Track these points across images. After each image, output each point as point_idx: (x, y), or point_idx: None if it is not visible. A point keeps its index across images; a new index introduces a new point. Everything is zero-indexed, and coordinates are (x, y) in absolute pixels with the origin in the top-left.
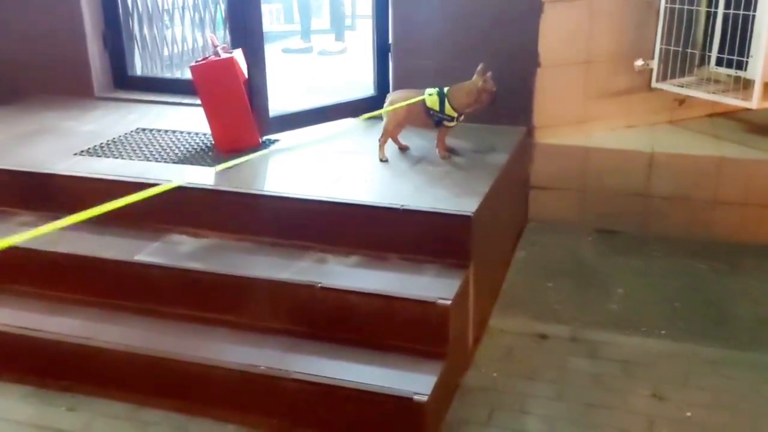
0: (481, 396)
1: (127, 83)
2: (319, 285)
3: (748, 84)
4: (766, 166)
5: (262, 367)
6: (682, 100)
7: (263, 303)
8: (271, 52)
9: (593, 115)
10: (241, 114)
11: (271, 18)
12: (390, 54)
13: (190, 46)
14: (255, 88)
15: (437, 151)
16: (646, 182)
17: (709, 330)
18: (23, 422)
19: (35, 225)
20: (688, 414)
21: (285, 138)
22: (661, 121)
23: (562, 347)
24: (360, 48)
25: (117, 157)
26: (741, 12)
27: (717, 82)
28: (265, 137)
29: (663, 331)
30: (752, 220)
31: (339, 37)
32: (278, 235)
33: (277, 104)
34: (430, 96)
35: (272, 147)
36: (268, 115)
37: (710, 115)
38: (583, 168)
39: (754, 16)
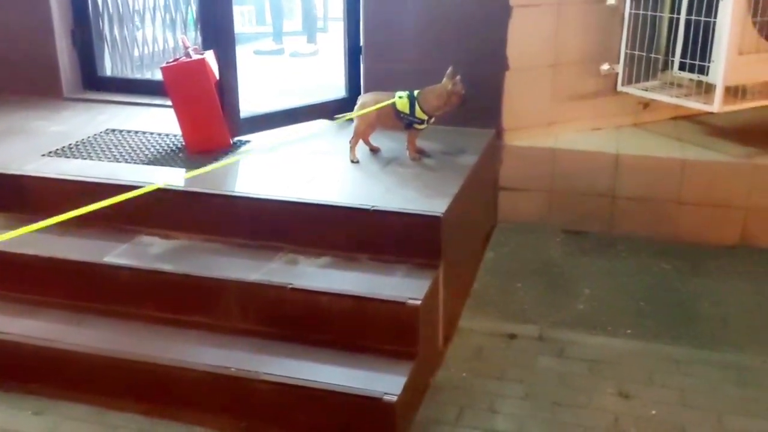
0: (451, 395)
1: (96, 84)
2: (290, 286)
3: (709, 88)
4: (727, 168)
5: (231, 369)
6: (646, 104)
7: (233, 304)
8: (243, 53)
9: (561, 118)
10: (211, 115)
11: (243, 20)
12: (361, 56)
13: (161, 47)
14: (226, 89)
15: (408, 152)
16: (611, 183)
17: (674, 329)
18: None
19: (2, 226)
20: (653, 412)
21: (256, 139)
22: (627, 123)
23: (530, 347)
24: (332, 50)
25: (86, 158)
26: (702, 18)
27: (680, 86)
28: (236, 138)
29: (629, 331)
30: (714, 221)
31: (311, 39)
32: (249, 237)
33: (249, 106)
34: (400, 99)
35: (243, 148)
36: (239, 116)
37: (674, 118)
38: (550, 169)
39: (714, 23)
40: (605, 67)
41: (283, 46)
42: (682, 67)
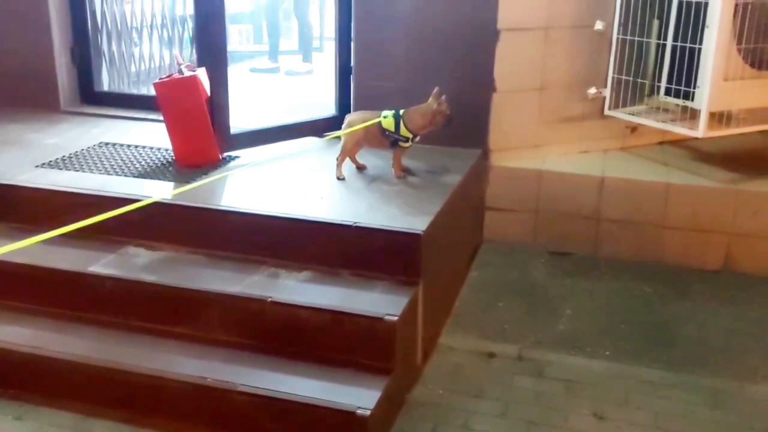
0: (426, 411)
1: (94, 98)
2: (270, 299)
3: (695, 113)
4: (712, 193)
5: (209, 380)
6: (634, 128)
7: (214, 316)
8: (239, 71)
9: (548, 140)
10: (201, 130)
11: (240, 38)
12: (351, 76)
13: (158, 64)
14: (217, 105)
15: (393, 171)
16: (596, 206)
17: (652, 352)
18: None
19: None
20: None
21: (246, 155)
22: (614, 147)
23: (508, 366)
24: (326, 69)
25: (78, 170)
26: (688, 45)
27: (666, 111)
28: (225, 153)
29: (607, 352)
30: (698, 245)
31: (306, 58)
32: (233, 250)
33: (242, 122)
34: (385, 118)
35: (232, 163)
36: (229, 132)
37: (661, 143)
38: (536, 191)
39: (700, 49)
40: (592, 91)
41: (278, 64)
42: (668, 93)
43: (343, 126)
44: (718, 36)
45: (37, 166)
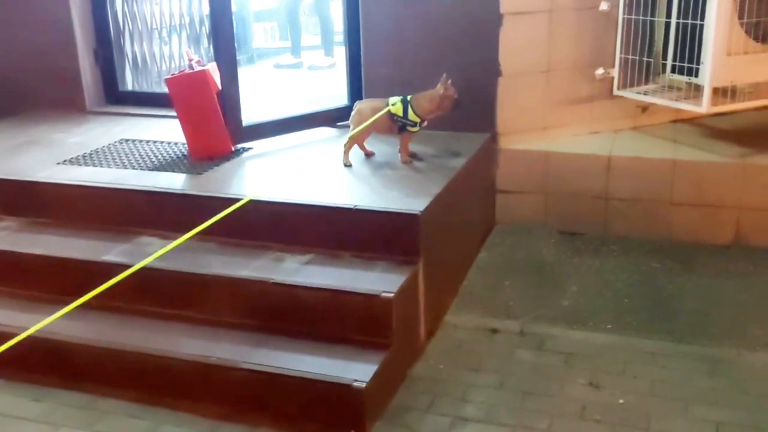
0: (426, 385)
1: (118, 98)
2: (271, 281)
3: (701, 90)
4: (718, 168)
5: (213, 358)
6: (645, 107)
7: (221, 299)
8: (264, 68)
9: (557, 122)
10: (213, 123)
11: (265, 36)
12: (361, 65)
13: (177, 63)
14: (228, 99)
15: (400, 156)
16: (605, 185)
17: (653, 325)
18: None
19: (16, 230)
20: (621, 401)
21: (259, 146)
22: (625, 127)
23: (510, 341)
24: None
25: (96, 166)
26: (690, 21)
27: (678, 89)
28: (238, 145)
29: (609, 326)
30: (707, 220)
31: (328, 52)
32: (242, 236)
33: (259, 115)
34: (394, 105)
35: (244, 155)
36: (240, 124)
37: (674, 121)
38: (545, 172)
39: (702, 25)
40: (600, 71)
41: (301, 59)
42: (675, 70)
43: (352, 113)
44: (718, 11)
45: (58, 163)
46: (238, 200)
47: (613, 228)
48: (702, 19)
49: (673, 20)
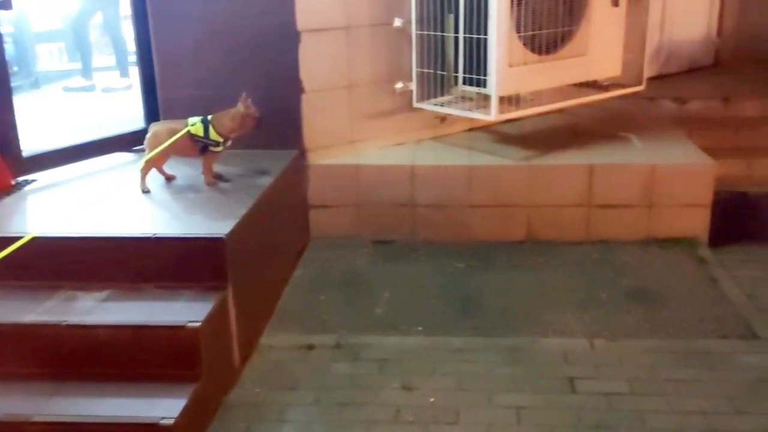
0: (242, 412)
1: None
2: (65, 323)
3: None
4: (508, 171)
5: (0, 415)
6: (443, 118)
7: (6, 349)
8: (51, 92)
9: (363, 136)
10: None
11: (51, 58)
12: (157, 86)
13: None
14: (3, 130)
15: (204, 178)
16: (411, 193)
17: (460, 322)
18: None
19: None
20: (432, 399)
21: (45, 177)
22: (427, 137)
23: (326, 355)
24: None
25: None
26: (475, 36)
27: (470, 99)
28: (20, 178)
29: (420, 328)
30: (503, 219)
31: (123, 73)
32: (28, 278)
33: (45, 144)
34: (193, 125)
35: (27, 188)
36: (20, 155)
37: (470, 130)
38: (355, 185)
39: (486, 39)
40: (399, 85)
41: (93, 82)
42: (465, 82)
43: (147, 136)
44: (498, 25)
45: None
46: (19, 238)
47: (421, 234)
48: (485, 33)
49: (461, 35)
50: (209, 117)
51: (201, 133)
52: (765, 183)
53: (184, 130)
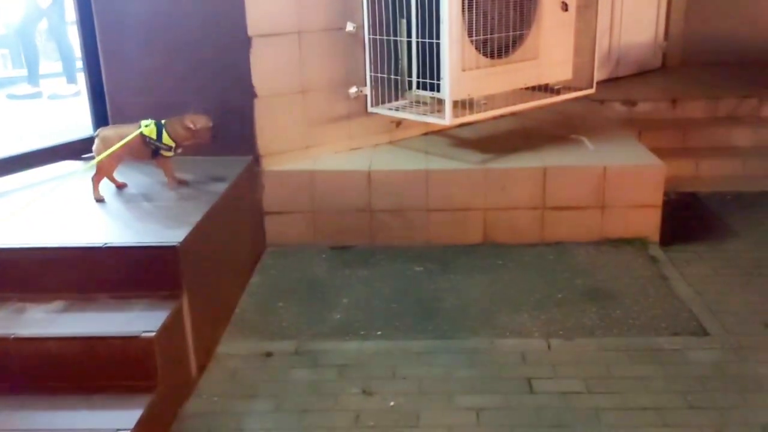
0: (200, 422)
1: None
2: (12, 336)
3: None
4: (464, 174)
5: None
6: (399, 122)
7: None
8: None
9: (318, 141)
10: None
11: None
12: (105, 92)
13: None
14: None
15: (168, 183)
16: (368, 198)
17: (419, 325)
18: None
19: None
20: (392, 403)
21: None
22: (383, 142)
23: (285, 362)
24: None
25: None
26: (427, 40)
27: (424, 104)
28: None
29: (379, 332)
30: (459, 223)
31: (71, 79)
32: None
33: None
34: (147, 126)
35: None
36: None
37: (425, 134)
38: (311, 191)
39: (438, 44)
40: (354, 90)
41: (40, 89)
42: (419, 86)
43: (96, 141)
44: (450, 30)
45: None
46: None
47: (379, 238)
48: (437, 38)
49: (414, 39)
50: (163, 121)
51: (154, 135)
52: (712, 183)
53: (137, 131)
